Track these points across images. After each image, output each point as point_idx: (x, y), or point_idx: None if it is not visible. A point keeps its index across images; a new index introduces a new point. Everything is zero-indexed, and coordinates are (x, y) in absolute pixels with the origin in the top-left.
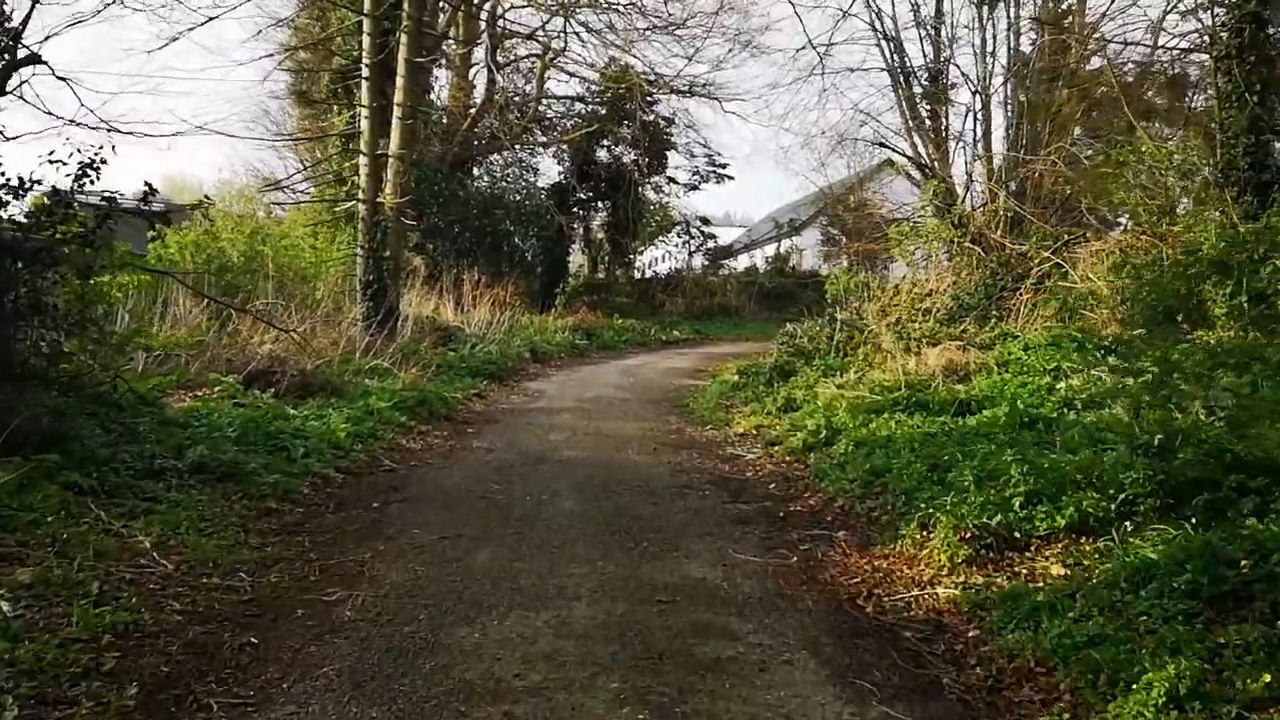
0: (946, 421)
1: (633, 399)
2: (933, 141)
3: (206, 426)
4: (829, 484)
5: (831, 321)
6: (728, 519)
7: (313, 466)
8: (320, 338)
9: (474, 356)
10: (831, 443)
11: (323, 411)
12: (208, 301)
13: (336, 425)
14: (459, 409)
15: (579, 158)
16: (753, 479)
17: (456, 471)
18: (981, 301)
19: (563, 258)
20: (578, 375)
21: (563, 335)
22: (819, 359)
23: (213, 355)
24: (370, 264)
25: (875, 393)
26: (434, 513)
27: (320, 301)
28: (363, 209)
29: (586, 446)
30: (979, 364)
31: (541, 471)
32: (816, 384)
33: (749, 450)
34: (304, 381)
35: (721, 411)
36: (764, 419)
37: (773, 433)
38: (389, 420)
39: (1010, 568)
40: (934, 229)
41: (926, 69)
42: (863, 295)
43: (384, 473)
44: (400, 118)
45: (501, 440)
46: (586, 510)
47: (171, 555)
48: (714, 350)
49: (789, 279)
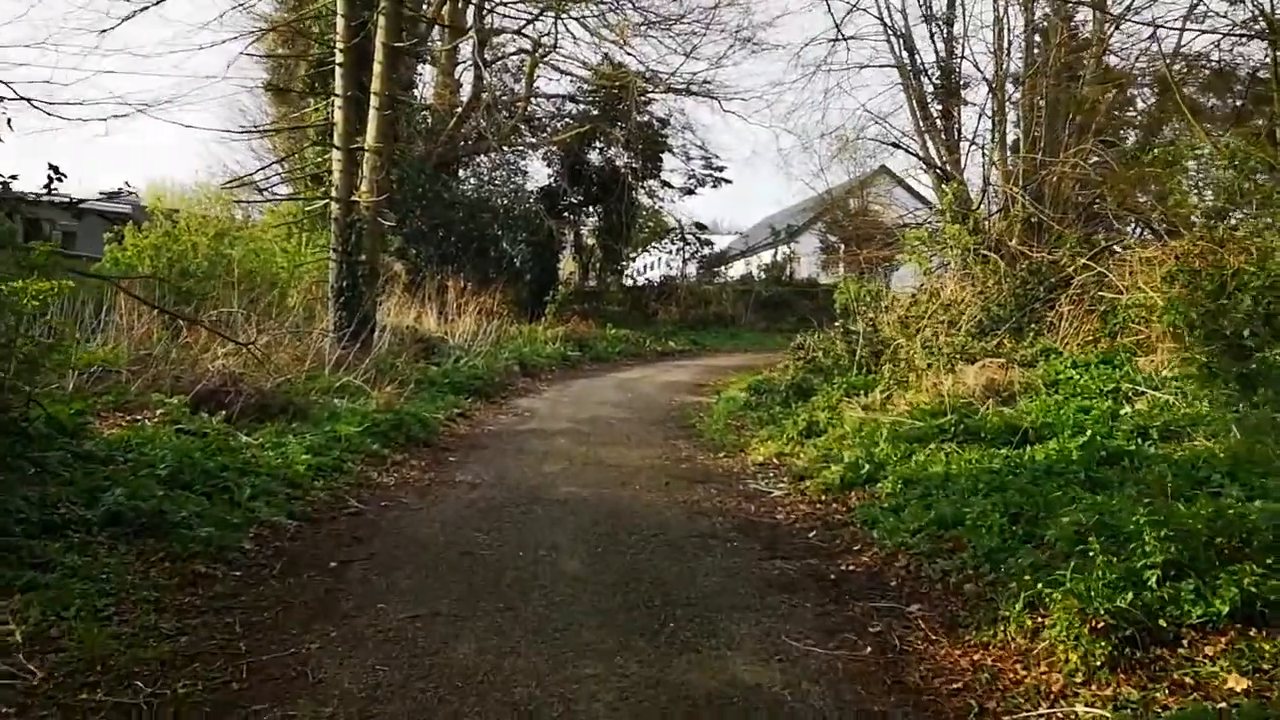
0: (1008, 455)
1: (633, 419)
2: (945, 144)
3: (133, 462)
4: (884, 535)
5: (847, 334)
6: (769, 583)
7: (260, 512)
8: (283, 351)
9: (458, 371)
10: (875, 479)
11: (281, 439)
12: (156, 310)
13: (295, 456)
14: (440, 432)
15: (570, 160)
16: (786, 524)
17: (435, 514)
18: (1013, 313)
19: (553, 264)
20: (571, 391)
21: (553, 346)
22: (840, 376)
23: (157, 373)
24: (343, 269)
25: (915, 417)
26: (405, 576)
27: (291, 310)
28: (335, 208)
29: (587, 480)
30: (1024, 384)
31: (536, 515)
32: (839, 405)
33: (774, 484)
34: (262, 403)
35: (733, 434)
36: (784, 445)
37: (797, 462)
38: (359, 448)
39: (1167, 675)
40: (954, 235)
41: (938, 66)
42: (874, 305)
43: (348, 517)
44: (377, 108)
45: (489, 472)
46: (594, 572)
47: (49, 654)
48: (712, 362)
49: (786, 287)
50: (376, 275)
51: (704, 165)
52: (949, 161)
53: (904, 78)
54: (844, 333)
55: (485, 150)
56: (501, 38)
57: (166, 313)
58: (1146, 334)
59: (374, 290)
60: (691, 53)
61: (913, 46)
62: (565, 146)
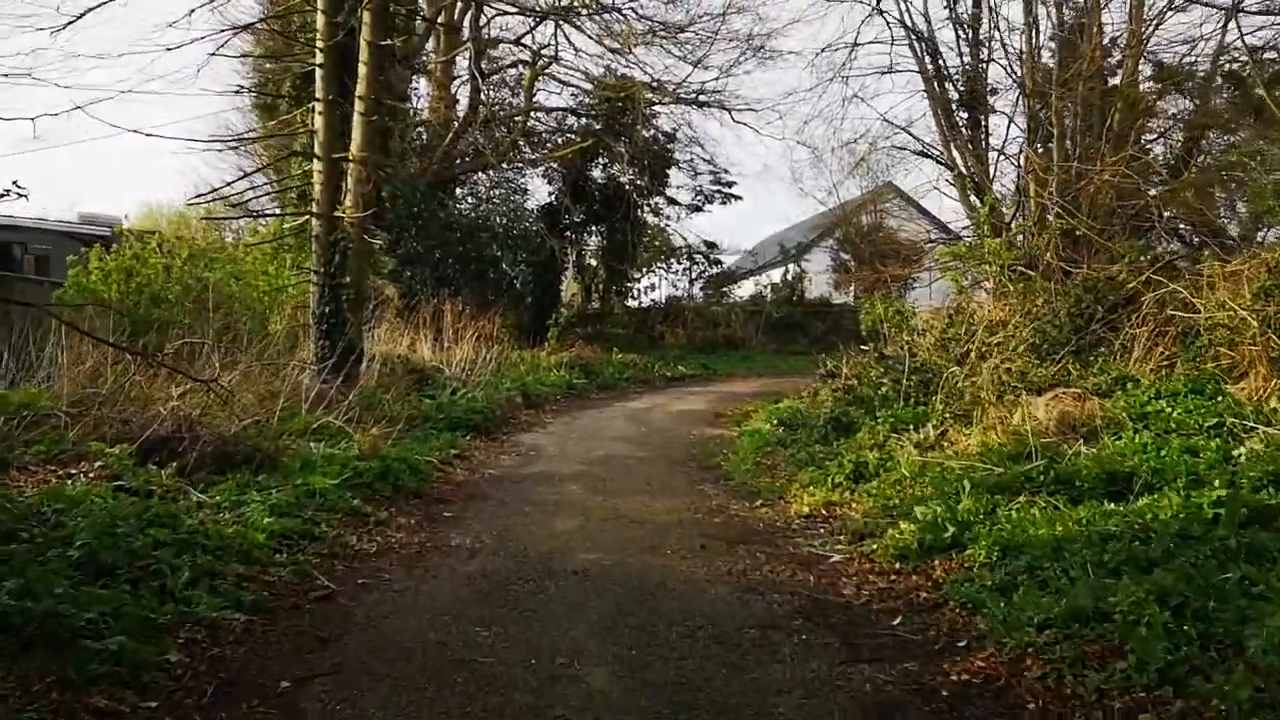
0: (1125, 514)
1: (651, 458)
2: (973, 153)
3: (40, 539)
4: (998, 628)
5: (882, 359)
6: (864, 707)
7: (198, 605)
8: (254, 387)
9: (455, 404)
10: (961, 543)
11: (242, 496)
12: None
13: (256, 520)
14: (434, 480)
15: (572, 176)
16: (860, 605)
17: (424, 597)
18: (1070, 336)
19: (555, 286)
20: (579, 424)
21: (558, 374)
22: (884, 408)
23: (99, 416)
24: (326, 292)
25: (987, 459)
26: (378, 704)
27: (272, 339)
28: (317, 225)
29: (607, 542)
30: (1105, 418)
31: (549, 597)
32: (888, 443)
33: (829, 544)
34: (223, 450)
35: (766, 476)
36: (832, 492)
37: (852, 515)
38: (335, 505)
39: None
40: (994, 249)
41: (964, 71)
42: (903, 326)
43: (316, 603)
44: (363, 113)
45: (490, 532)
46: (630, 692)
47: None
48: (726, 389)
49: (798, 308)
50: (364, 299)
51: (712, 180)
52: (977, 172)
53: (927, 84)
54: (879, 358)
55: (483, 167)
56: (500, 49)
57: (107, 345)
58: (1234, 357)
59: (360, 316)
60: (700, 62)
61: (936, 50)
62: (567, 163)
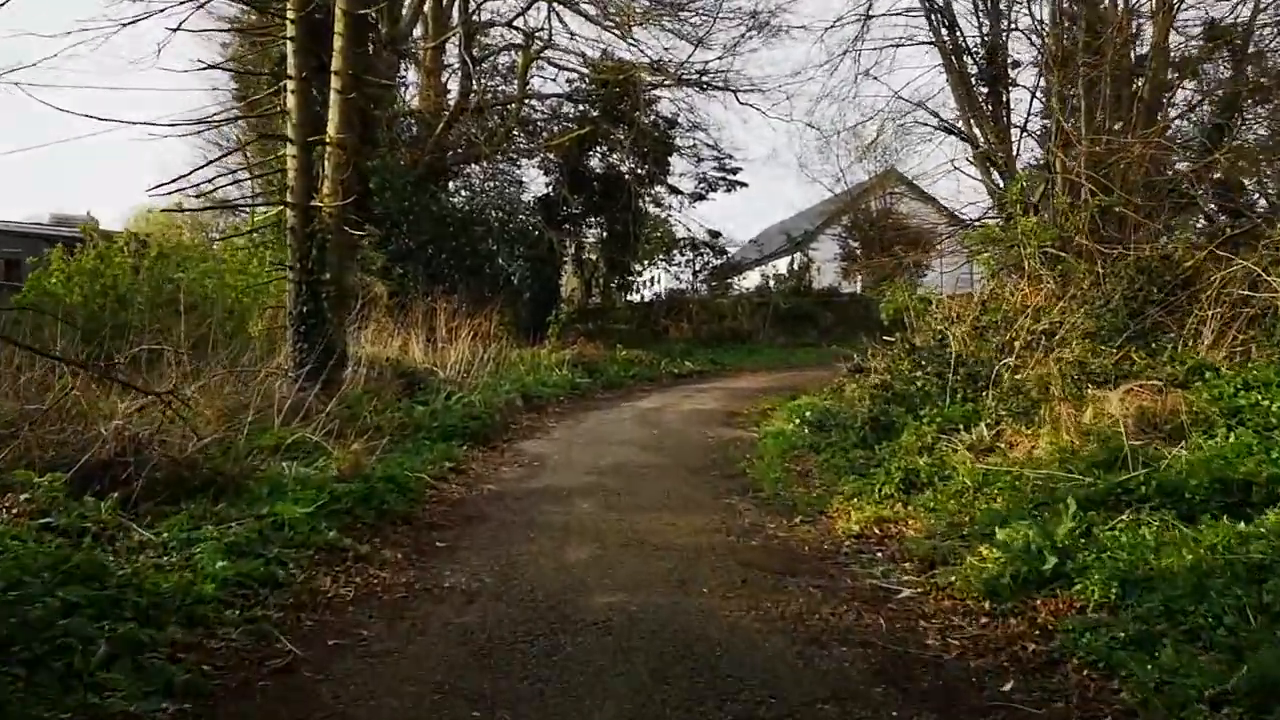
0: (1260, 533)
1: (667, 465)
2: (994, 129)
3: None
4: (1150, 699)
5: (913, 352)
6: None
7: (109, 699)
8: (216, 401)
9: (449, 411)
10: (1064, 574)
11: (196, 531)
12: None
13: (206, 565)
14: (426, 499)
15: (569, 166)
16: (953, 662)
17: (409, 664)
18: (1126, 321)
19: (554, 280)
20: (585, 427)
21: (560, 373)
22: (928, 407)
23: (30, 439)
24: (304, 290)
25: (1074, 467)
26: None
27: (248, 343)
28: (291, 216)
29: (629, 578)
30: (1190, 413)
31: (565, 659)
32: (938, 446)
33: (893, 573)
34: (177, 476)
35: (800, 485)
36: (881, 506)
37: (911, 534)
38: (307, 540)
39: None
40: (1031, 229)
41: (983, 44)
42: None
43: (272, 677)
44: (340, 90)
45: (491, 567)
46: None
47: None
48: (737, 385)
49: (806, 298)
50: (346, 297)
51: (717, 167)
52: (1000, 149)
53: (945, 57)
54: (909, 350)
55: (476, 158)
56: (491, 34)
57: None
58: None
59: (343, 316)
60: (702, 41)
61: (954, 21)
62: (564, 152)
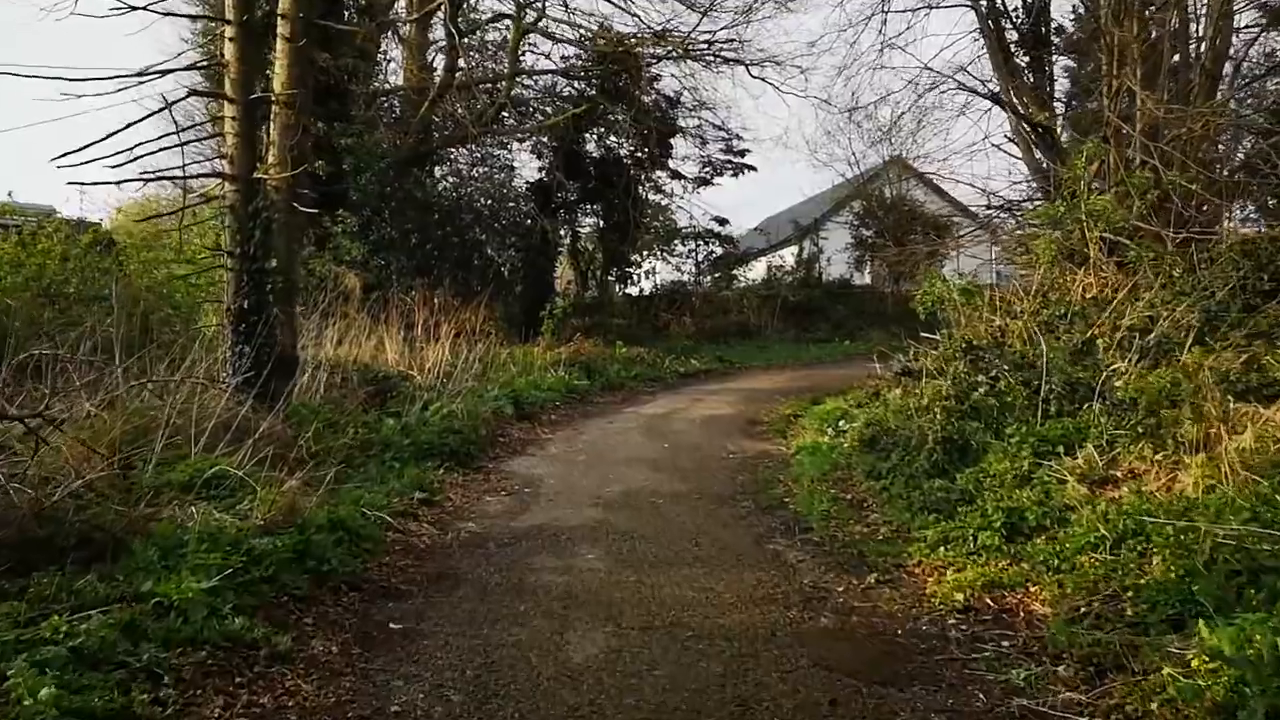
0: None
1: (687, 492)
2: (1035, 100)
3: None
4: None
5: (970, 350)
6: None
7: None
8: (112, 425)
9: (426, 424)
10: None
11: (33, 626)
12: None
13: (22, 694)
14: (383, 550)
15: (564, 149)
16: None
17: None
18: (1239, 316)
19: (548, 272)
20: (586, 440)
21: (555, 375)
22: (1014, 423)
23: None
24: (245, 281)
25: (1246, 505)
26: None
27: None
28: (230, 190)
29: (661, 696)
30: None
31: None
32: (1037, 475)
33: (1039, 681)
34: (30, 537)
35: (855, 521)
36: (984, 563)
37: (1037, 609)
38: (198, 635)
39: None
40: (1103, 209)
41: (1024, 5)
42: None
43: None
44: (287, 37)
45: (460, 677)
46: None
47: None
48: (750, 385)
49: (816, 290)
50: (294, 289)
51: (723, 149)
52: (1043, 121)
53: (981, 20)
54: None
55: (463, 140)
56: (481, 4)
57: None
58: None
59: (292, 311)
60: (710, 8)
61: None
62: (558, 134)
